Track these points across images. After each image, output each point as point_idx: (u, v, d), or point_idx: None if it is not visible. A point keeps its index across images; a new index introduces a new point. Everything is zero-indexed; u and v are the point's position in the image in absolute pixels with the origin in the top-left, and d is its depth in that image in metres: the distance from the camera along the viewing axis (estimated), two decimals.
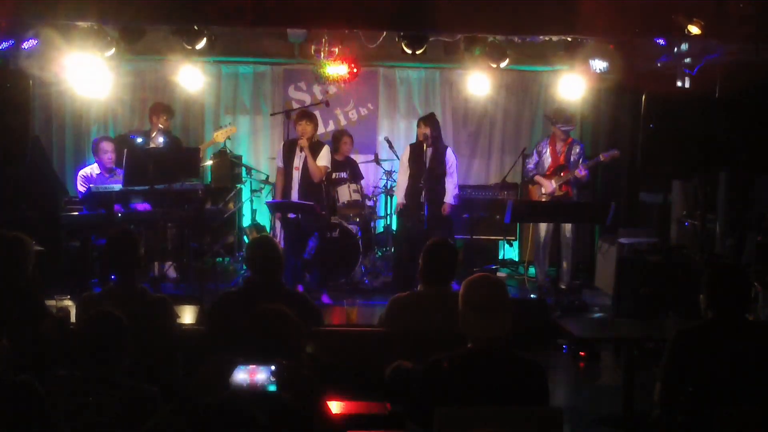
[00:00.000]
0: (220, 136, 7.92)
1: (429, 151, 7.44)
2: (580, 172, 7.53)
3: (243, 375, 2.69)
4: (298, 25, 7.62)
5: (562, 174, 7.68)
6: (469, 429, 2.23)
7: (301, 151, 7.20)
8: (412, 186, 7.58)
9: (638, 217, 8.62)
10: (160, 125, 7.90)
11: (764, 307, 5.47)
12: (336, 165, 7.97)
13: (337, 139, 8.36)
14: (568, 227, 7.75)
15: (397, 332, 4.05)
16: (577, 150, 7.74)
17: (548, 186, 7.71)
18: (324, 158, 7.29)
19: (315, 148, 7.27)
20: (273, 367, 2.69)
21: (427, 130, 7.43)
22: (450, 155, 7.66)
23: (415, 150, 7.61)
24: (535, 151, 7.92)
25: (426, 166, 7.39)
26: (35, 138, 7.53)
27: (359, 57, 8.36)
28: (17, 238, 4.04)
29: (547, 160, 7.79)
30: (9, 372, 3.16)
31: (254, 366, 2.69)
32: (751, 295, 3.59)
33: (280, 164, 7.48)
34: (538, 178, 7.80)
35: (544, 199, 7.74)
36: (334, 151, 7.96)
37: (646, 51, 7.18)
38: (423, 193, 7.34)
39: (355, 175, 8.28)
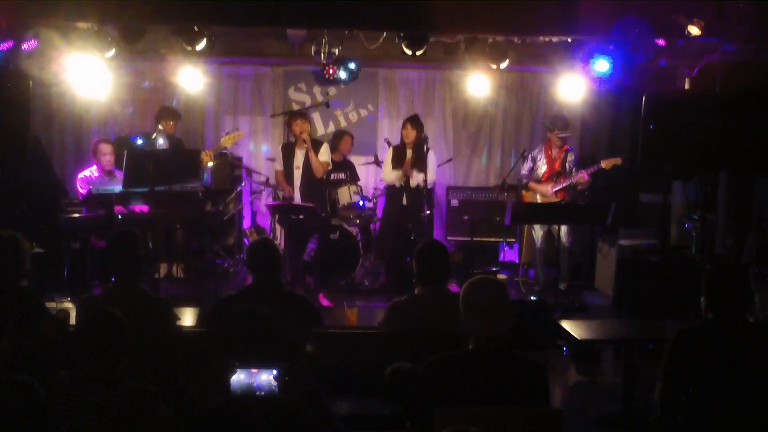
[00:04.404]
0: (227, 141, 7.88)
1: (410, 152, 7.55)
2: (585, 177, 7.51)
3: (243, 377, 2.70)
4: (298, 25, 7.61)
5: (558, 180, 7.65)
6: (469, 429, 2.23)
7: (304, 142, 7.18)
8: (394, 189, 7.64)
9: (638, 218, 8.62)
10: (160, 127, 7.87)
11: (764, 307, 5.46)
12: (335, 166, 7.96)
13: (338, 137, 8.36)
14: (563, 231, 7.64)
15: (397, 333, 4.05)
16: (572, 158, 7.71)
17: (547, 191, 7.66)
18: (325, 154, 7.31)
19: (314, 145, 7.28)
20: (273, 370, 2.69)
21: (421, 132, 7.59)
22: (431, 156, 7.64)
23: (399, 152, 7.65)
24: (529, 157, 7.84)
25: (410, 168, 7.52)
26: (35, 138, 7.53)
27: (359, 57, 8.36)
28: (12, 237, 4.03)
29: (542, 166, 7.72)
30: (9, 372, 3.16)
31: (254, 369, 2.69)
32: (751, 295, 3.58)
33: (279, 167, 7.48)
34: (532, 185, 7.75)
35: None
36: (333, 149, 7.96)
37: (646, 51, 7.18)
38: (404, 195, 7.54)
39: (353, 177, 8.28)
